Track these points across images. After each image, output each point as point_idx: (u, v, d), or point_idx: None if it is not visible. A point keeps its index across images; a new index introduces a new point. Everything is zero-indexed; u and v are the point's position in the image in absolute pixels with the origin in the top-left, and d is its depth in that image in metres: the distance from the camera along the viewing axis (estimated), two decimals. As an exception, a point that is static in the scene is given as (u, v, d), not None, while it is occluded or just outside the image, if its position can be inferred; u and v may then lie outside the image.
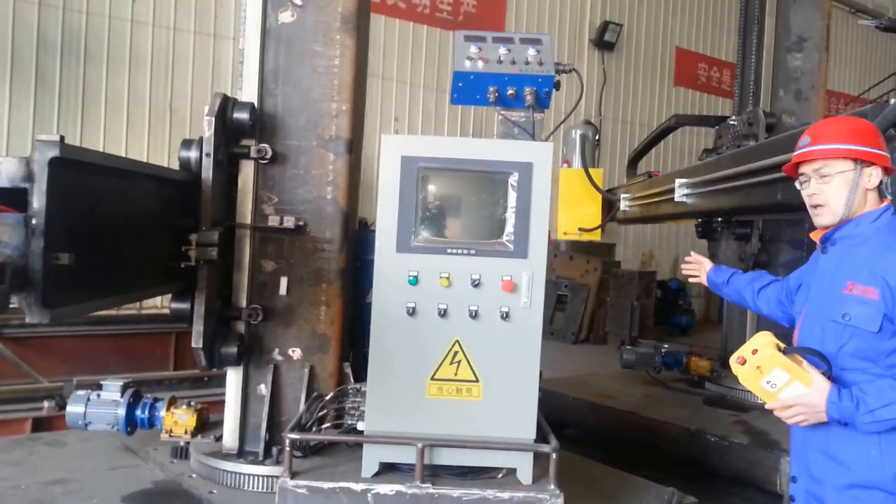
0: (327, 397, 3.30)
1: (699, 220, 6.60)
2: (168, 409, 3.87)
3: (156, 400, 3.93)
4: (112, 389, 3.91)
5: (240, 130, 3.52)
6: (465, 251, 2.99)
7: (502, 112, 3.28)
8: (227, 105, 3.44)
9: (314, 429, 3.24)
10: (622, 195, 7.06)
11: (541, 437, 3.09)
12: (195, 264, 3.33)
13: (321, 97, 3.65)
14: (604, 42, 14.33)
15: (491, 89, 3.16)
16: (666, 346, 6.75)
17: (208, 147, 3.32)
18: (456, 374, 3.03)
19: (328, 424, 3.21)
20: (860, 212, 2.48)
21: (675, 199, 5.69)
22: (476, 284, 2.97)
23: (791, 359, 2.39)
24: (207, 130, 3.31)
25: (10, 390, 5.60)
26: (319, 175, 3.67)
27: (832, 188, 2.47)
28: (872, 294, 2.34)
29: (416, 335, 3.01)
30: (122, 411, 3.81)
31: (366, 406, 3.03)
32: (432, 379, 3.02)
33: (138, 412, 3.87)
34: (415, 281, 2.97)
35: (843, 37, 18.57)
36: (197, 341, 3.38)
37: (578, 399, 6.26)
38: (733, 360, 2.46)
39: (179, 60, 9.64)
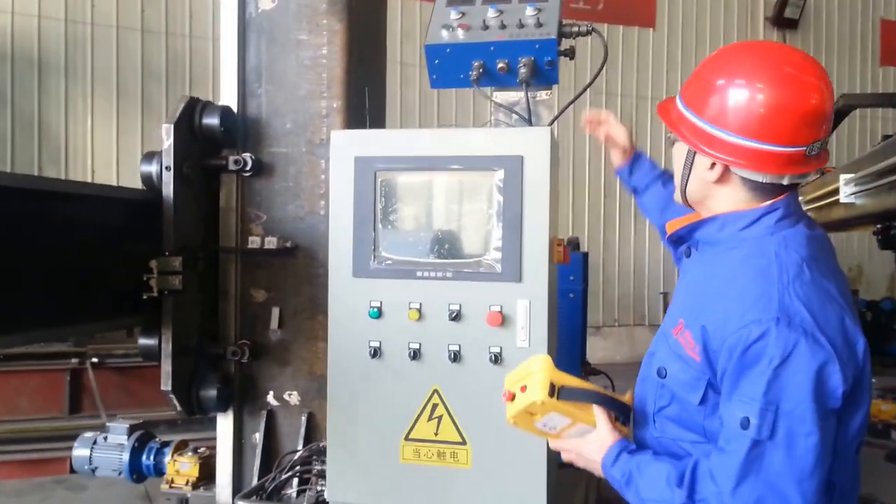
0: (296, 455, 2.72)
1: (877, 225, 5.39)
2: (173, 456, 3.44)
3: (164, 444, 3.51)
4: (118, 432, 3.53)
5: (213, 139, 3.04)
6: (440, 274, 2.30)
7: (493, 93, 2.54)
8: (194, 110, 2.97)
9: (283, 494, 2.66)
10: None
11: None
12: (158, 295, 2.86)
13: (309, 94, 3.09)
14: (784, 19, 12.31)
15: (475, 64, 2.41)
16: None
17: (168, 159, 2.84)
18: (437, 434, 2.34)
19: (292, 490, 2.62)
20: (719, 208, 1.61)
21: (842, 200, 4.62)
22: (455, 317, 2.28)
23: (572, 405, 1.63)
24: (166, 140, 2.85)
25: (53, 427, 5.44)
26: (311, 187, 3.10)
27: (675, 156, 1.66)
28: (693, 351, 1.52)
29: (384, 382, 2.36)
30: (126, 456, 3.42)
31: (327, 471, 2.42)
32: (407, 439, 2.36)
33: (143, 458, 3.47)
34: (377, 314, 2.33)
35: None
36: (166, 383, 2.90)
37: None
38: (505, 391, 1.68)
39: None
